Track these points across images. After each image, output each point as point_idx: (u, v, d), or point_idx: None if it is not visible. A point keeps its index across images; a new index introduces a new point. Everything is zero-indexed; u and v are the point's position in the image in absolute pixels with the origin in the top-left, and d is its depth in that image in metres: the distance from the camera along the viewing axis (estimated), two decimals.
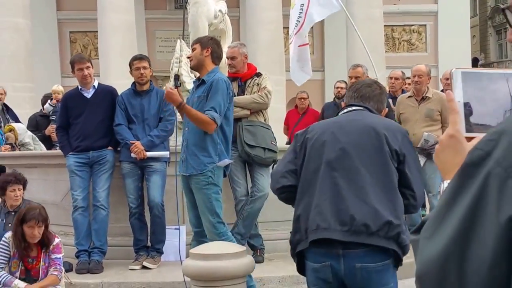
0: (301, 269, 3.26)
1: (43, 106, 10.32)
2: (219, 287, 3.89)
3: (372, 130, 3.19)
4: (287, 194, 3.36)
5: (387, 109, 3.64)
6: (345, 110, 3.46)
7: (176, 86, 5.26)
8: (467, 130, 1.39)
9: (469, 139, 1.39)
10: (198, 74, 5.52)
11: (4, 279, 4.94)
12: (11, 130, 8.56)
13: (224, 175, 5.33)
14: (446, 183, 1.36)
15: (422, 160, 7.09)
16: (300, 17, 9.29)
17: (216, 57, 5.31)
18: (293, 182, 3.29)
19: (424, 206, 7.37)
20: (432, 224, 1.15)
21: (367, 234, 2.99)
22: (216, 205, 5.11)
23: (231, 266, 3.89)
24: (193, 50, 5.31)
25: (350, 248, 3.01)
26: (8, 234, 5.10)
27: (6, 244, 5.05)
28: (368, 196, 3.05)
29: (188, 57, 5.44)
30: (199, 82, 5.25)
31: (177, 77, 5.45)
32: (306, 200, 3.19)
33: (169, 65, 7.83)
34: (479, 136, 1.26)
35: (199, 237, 5.19)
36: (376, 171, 3.12)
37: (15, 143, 8.43)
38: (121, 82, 6.77)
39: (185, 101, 5.26)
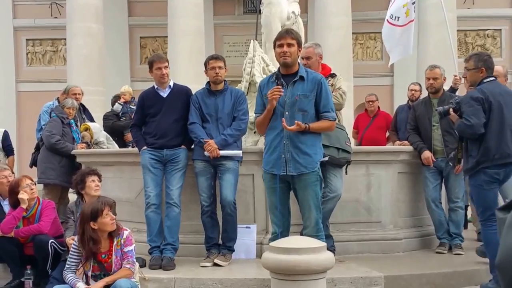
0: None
1: (112, 106, 10.57)
2: (300, 281, 3.86)
3: None
4: (479, 136, 5.65)
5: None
6: (489, 80, 5.80)
7: (278, 84, 5.25)
8: None
9: None
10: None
11: (71, 280, 5.05)
12: (87, 129, 8.74)
13: None
14: None
15: None
16: None
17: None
18: (484, 130, 5.64)
19: None
20: None
21: None
22: (320, 201, 5.23)
23: (312, 260, 3.87)
24: (289, 45, 5.25)
25: None
26: (77, 238, 5.19)
27: (77, 249, 5.14)
28: None
29: (285, 52, 5.27)
30: (296, 79, 5.23)
31: (279, 76, 5.36)
32: (494, 140, 5.64)
33: (237, 69, 7.87)
34: None
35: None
36: None
37: (90, 142, 8.62)
38: (190, 87, 6.81)
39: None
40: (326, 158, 5.35)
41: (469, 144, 5.86)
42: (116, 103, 10.53)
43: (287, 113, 5.16)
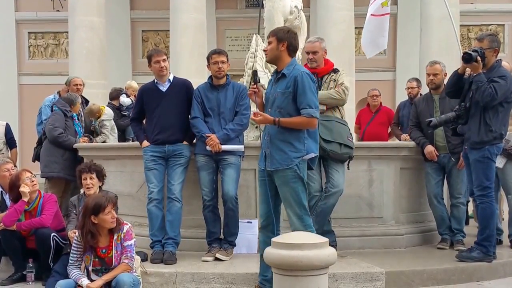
0: None
1: (111, 99, 10.51)
2: (302, 277, 3.86)
3: None
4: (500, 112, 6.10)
5: None
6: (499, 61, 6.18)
7: (255, 82, 5.25)
8: None
9: None
10: (275, 67, 5.51)
11: (75, 276, 5.04)
12: (101, 110, 8.79)
13: (310, 168, 5.27)
14: None
15: (502, 161, 6.90)
16: None
17: (293, 50, 5.21)
18: None
19: None
20: None
21: None
22: (303, 198, 5.10)
23: (314, 256, 3.87)
24: (269, 43, 5.22)
25: None
26: (78, 232, 5.19)
27: (78, 243, 5.12)
28: None
29: (264, 50, 5.40)
30: (279, 76, 5.17)
31: (255, 73, 5.36)
32: None
33: (238, 64, 7.85)
34: None
35: (266, 232, 5.20)
36: None
37: (93, 119, 8.60)
38: (192, 81, 6.80)
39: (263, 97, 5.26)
40: (311, 156, 5.22)
41: (492, 118, 6.08)
42: (124, 96, 10.46)
43: (269, 109, 5.15)
